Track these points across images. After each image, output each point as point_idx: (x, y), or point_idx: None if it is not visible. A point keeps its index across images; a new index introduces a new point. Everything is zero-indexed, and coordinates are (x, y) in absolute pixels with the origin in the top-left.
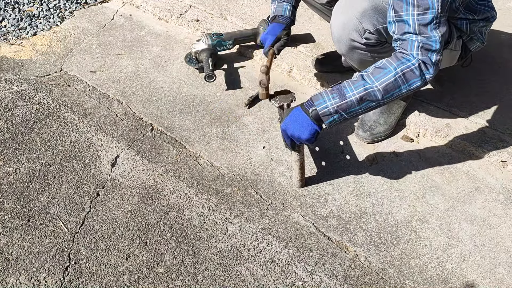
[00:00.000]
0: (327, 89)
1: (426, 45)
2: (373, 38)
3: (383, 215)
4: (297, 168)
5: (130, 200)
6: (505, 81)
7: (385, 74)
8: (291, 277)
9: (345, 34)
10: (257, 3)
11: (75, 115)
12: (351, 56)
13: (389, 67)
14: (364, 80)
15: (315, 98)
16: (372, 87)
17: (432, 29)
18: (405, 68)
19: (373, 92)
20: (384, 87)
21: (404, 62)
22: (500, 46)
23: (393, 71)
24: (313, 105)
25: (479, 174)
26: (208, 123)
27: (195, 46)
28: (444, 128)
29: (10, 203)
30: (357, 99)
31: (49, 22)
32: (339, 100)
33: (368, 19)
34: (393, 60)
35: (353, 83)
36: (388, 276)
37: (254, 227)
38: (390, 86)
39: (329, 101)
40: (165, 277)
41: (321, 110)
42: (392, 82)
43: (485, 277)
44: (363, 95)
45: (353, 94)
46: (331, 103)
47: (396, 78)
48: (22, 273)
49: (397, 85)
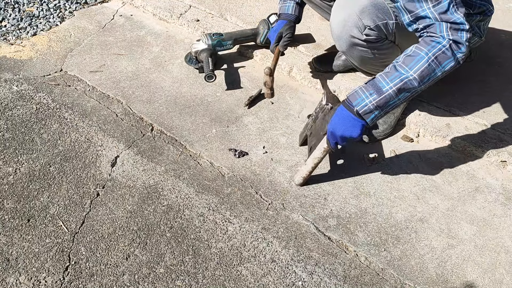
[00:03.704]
0: (362, 86)
1: (454, 25)
2: (373, 35)
3: (383, 215)
4: (311, 166)
5: (130, 200)
6: (505, 81)
7: (417, 61)
8: (291, 277)
9: (345, 31)
10: (257, 3)
11: (75, 115)
12: (351, 53)
13: (420, 54)
14: (398, 70)
15: (352, 98)
16: (407, 77)
17: (453, 12)
18: (436, 51)
19: (409, 81)
20: (419, 74)
21: (434, 46)
22: (500, 46)
23: (425, 56)
24: (352, 105)
25: (479, 174)
26: (208, 123)
27: (195, 46)
28: (444, 128)
29: (10, 203)
30: (394, 92)
31: (49, 22)
32: (376, 96)
33: (368, 16)
34: (423, 46)
35: (387, 75)
36: (388, 276)
37: (254, 227)
38: (425, 72)
39: (367, 98)
40: (165, 277)
41: (361, 109)
42: (426, 67)
43: (485, 277)
44: (400, 86)
45: (389, 87)
46: (370, 100)
47: (430, 63)
48: (22, 273)
49: (431, 70)
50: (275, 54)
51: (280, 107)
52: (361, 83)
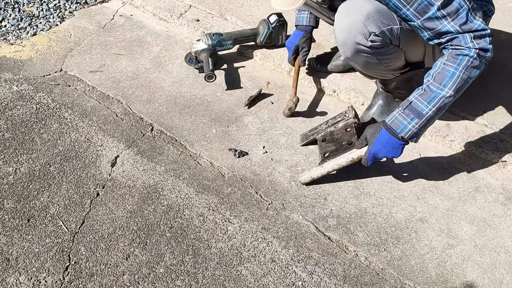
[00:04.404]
0: (401, 112)
1: (476, 33)
2: (378, 40)
3: (383, 215)
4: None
5: (130, 200)
6: (506, 81)
7: (450, 77)
8: (291, 277)
9: (350, 38)
10: (257, 3)
11: (75, 115)
12: (355, 59)
13: (451, 70)
14: (433, 91)
15: (394, 126)
16: (444, 95)
17: (472, 20)
18: (466, 63)
19: (446, 99)
20: (454, 89)
21: (462, 59)
22: (500, 46)
23: (457, 72)
24: (396, 132)
25: (479, 174)
26: (208, 123)
27: (195, 46)
28: (444, 128)
29: (10, 203)
30: (434, 112)
31: (49, 22)
32: (418, 120)
33: (373, 22)
34: (452, 61)
35: (424, 98)
36: (388, 276)
37: (254, 227)
38: (459, 85)
39: (409, 124)
40: (165, 277)
41: (406, 134)
42: (459, 81)
43: (485, 277)
44: (439, 106)
45: (429, 109)
46: (413, 125)
47: (461, 76)
48: (22, 273)
49: (464, 81)
50: (295, 71)
51: (280, 107)
52: (361, 83)
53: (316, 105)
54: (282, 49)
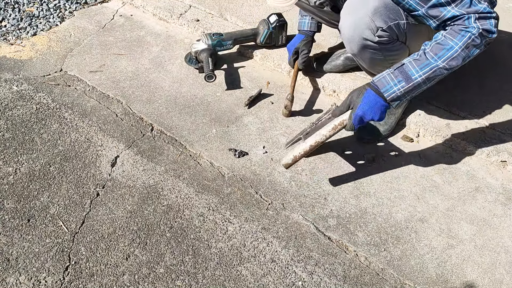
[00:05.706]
0: (390, 72)
1: (482, 15)
2: (385, 36)
3: (383, 215)
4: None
5: (130, 200)
6: (505, 81)
7: (447, 50)
8: (291, 277)
9: (357, 33)
10: (257, 3)
11: (75, 115)
12: (362, 56)
13: (451, 43)
14: (428, 59)
15: (380, 84)
16: (437, 66)
17: (476, 4)
18: (466, 39)
19: (439, 70)
20: (448, 62)
21: (464, 35)
22: (500, 46)
23: (455, 46)
24: (380, 90)
25: (479, 174)
26: (208, 123)
27: (195, 46)
28: (444, 128)
29: (10, 203)
30: (423, 79)
31: (49, 22)
32: (405, 83)
33: (380, 17)
34: (453, 35)
35: (417, 63)
36: (388, 276)
37: (254, 227)
38: (454, 61)
39: (395, 86)
40: (165, 277)
41: (389, 96)
42: (456, 57)
43: (485, 277)
44: (429, 75)
45: (419, 75)
46: (398, 88)
47: (460, 52)
48: (22, 273)
49: (460, 59)
50: (294, 73)
51: (280, 107)
52: (361, 83)
53: (316, 105)
54: (282, 49)
